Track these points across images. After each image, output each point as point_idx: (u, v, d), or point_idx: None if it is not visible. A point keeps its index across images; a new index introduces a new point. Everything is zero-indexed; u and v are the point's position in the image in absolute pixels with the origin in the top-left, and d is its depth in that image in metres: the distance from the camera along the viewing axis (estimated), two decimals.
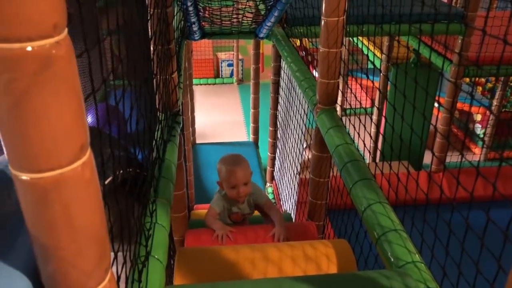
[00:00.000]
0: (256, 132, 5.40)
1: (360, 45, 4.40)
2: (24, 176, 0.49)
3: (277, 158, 4.52)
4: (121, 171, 1.38)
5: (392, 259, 1.19)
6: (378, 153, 4.73)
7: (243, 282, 1.12)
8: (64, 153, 0.50)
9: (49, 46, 0.45)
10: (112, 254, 0.84)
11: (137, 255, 1.12)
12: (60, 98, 0.48)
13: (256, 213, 2.31)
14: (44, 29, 0.44)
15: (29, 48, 0.44)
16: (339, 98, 5.51)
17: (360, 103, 1.87)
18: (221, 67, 8.74)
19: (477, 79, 5.80)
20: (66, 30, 0.48)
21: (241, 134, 6.83)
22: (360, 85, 1.90)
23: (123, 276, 0.94)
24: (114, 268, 0.86)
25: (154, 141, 1.56)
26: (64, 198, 0.51)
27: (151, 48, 1.66)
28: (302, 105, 2.99)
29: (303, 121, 2.94)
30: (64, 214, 0.52)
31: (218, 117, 7.43)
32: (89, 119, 0.98)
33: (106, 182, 1.15)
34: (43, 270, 0.57)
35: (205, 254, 1.55)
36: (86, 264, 0.56)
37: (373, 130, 4.52)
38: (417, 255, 1.19)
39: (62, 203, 0.52)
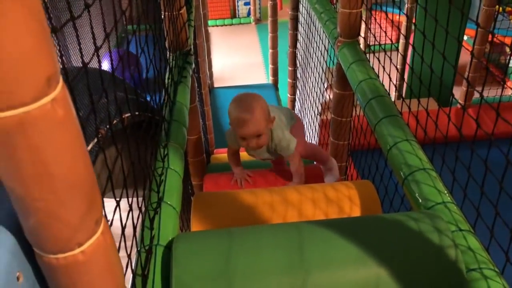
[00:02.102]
0: (275, 73, 5.24)
1: None
2: None
3: (297, 99, 4.38)
4: (130, 114, 1.31)
5: (420, 200, 1.11)
6: (405, 91, 4.52)
7: (260, 227, 1.06)
8: (26, 87, 0.41)
9: None
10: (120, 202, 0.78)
11: (147, 202, 1.07)
12: (13, 19, 0.38)
13: None
14: None
15: None
16: (363, 33, 5.23)
17: (386, 36, 1.71)
18: (238, 6, 8.40)
19: (509, 8, 5.40)
20: None
21: (260, 76, 6.66)
22: (387, 17, 1.73)
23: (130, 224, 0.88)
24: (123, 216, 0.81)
25: (164, 82, 1.47)
26: (34, 141, 0.43)
27: None
28: (322, 41, 2.82)
29: (323, 58, 2.78)
30: (35, 160, 0.44)
31: (236, 59, 7.23)
32: (106, 64, 0.90)
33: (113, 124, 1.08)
34: (24, 225, 0.50)
35: (222, 199, 1.49)
36: (71, 216, 0.49)
37: (399, 66, 4.30)
38: (447, 195, 1.10)
39: (31, 147, 0.44)
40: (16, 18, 0.39)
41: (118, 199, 0.77)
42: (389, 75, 1.61)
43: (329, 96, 3.01)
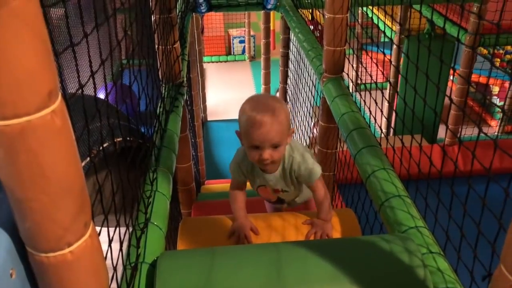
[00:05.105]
0: None
1: (370, 15, 4.28)
2: None
3: None
4: (121, 139, 1.37)
5: (395, 225, 1.17)
6: (392, 129, 4.64)
7: (241, 246, 1.11)
8: (30, 99, 0.48)
9: None
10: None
11: (135, 221, 1.12)
12: (21, 39, 0.46)
13: None
14: None
15: None
16: (352, 73, 5.41)
17: (372, 77, 1.81)
18: (233, 44, 8.65)
19: (495, 51, 5.62)
20: None
21: None
22: (371, 58, 1.83)
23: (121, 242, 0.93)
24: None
25: (156, 111, 1.54)
26: (33, 147, 0.50)
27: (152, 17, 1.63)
28: (310, 78, 2.94)
29: (311, 93, 2.90)
30: (34, 163, 0.51)
31: (230, 94, 7.38)
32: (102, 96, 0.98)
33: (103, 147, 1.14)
34: (20, 224, 0.56)
35: (208, 223, 1.54)
36: (62, 217, 0.55)
37: (386, 104, 4.43)
38: (420, 221, 1.16)
39: (31, 152, 0.50)
40: (23, 38, 0.46)
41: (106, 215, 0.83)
42: (370, 112, 1.70)
43: (316, 131, 3.11)
